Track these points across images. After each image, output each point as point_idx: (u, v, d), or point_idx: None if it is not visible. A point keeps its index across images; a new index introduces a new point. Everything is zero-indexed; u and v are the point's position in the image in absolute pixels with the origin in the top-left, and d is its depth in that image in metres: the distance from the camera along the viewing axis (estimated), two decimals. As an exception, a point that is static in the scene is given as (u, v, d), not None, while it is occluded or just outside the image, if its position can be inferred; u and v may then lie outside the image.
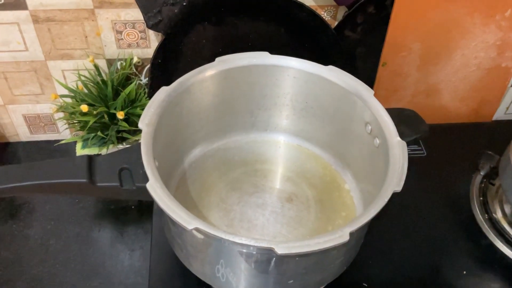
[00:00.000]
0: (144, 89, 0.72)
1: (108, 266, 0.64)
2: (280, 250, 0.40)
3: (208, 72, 0.56)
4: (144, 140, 0.47)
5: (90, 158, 0.46)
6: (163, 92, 0.52)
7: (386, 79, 0.73)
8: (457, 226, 0.64)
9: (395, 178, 0.45)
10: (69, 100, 0.70)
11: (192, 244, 0.48)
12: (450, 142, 0.76)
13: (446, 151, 0.74)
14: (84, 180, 0.45)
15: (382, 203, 0.44)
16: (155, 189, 0.43)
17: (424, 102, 0.78)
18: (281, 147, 0.65)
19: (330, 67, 0.57)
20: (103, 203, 0.71)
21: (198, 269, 0.52)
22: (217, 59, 0.56)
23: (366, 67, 0.73)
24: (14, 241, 0.66)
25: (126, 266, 0.64)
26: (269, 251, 0.41)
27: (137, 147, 0.47)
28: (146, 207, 0.71)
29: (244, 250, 0.44)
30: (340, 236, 0.41)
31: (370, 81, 0.72)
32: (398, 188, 0.45)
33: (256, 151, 0.64)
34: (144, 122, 0.49)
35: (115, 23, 0.66)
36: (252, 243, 0.40)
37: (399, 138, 0.49)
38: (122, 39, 0.67)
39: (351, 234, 0.41)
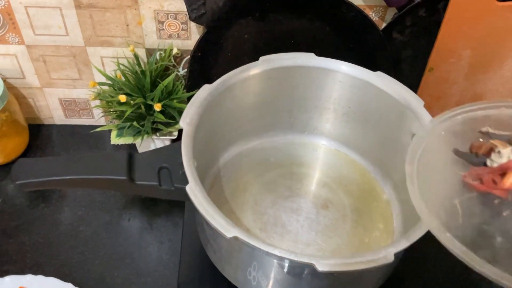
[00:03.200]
0: (181, 81, 0.71)
1: (136, 257, 0.64)
2: (321, 267, 0.38)
3: (251, 71, 0.54)
4: (185, 140, 0.46)
5: (130, 155, 0.46)
6: (205, 91, 0.51)
7: (432, 85, 0.70)
8: (496, 245, 0.61)
9: (444, 198, 0.43)
10: (106, 87, 0.69)
11: (227, 249, 0.47)
12: (493, 154, 0.73)
13: (488, 164, 0.71)
14: (124, 178, 0.44)
15: (430, 223, 0.42)
16: (195, 192, 0.42)
17: (468, 111, 0.75)
18: (318, 150, 0.63)
19: (379, 73, 0.54)
20: (133, 192, 0.71)
21: (229, 272, 0.51)
22: (261, 58, 0.55)
23: (412, 71, 0.70)
24: (44, 225, 0.67)
25: (154, 258, 0.64)
26: (308, 266, 0.39)
27: (176, 146, 0.47)
28: (176, 200, 0.70)
29: (278, 261, 0.43)
30: (384, 256, 0.39)
31: (414, 86, 0.69)
32: (447, 208, 0.43)
33: (293, 153, 0.63)
34: (186, 121, 0.48)
35: (157, 13, 0.64)
36: (292, 257, 0.39)
37: (449, 155, 0.47)
38: (163, 29, 0.66)
39: (395, 255, 0.39)
